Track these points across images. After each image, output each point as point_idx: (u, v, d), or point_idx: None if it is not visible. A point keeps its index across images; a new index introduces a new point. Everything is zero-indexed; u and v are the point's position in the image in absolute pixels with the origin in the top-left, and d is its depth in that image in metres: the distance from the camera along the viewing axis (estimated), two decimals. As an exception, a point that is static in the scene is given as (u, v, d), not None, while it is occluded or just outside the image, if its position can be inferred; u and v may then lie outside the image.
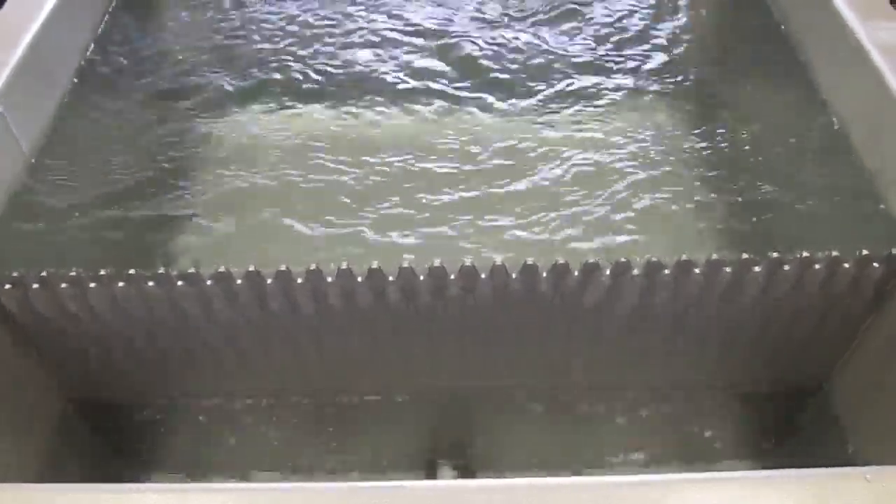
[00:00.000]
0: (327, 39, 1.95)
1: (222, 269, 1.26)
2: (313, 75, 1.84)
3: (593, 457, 1.54)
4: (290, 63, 1.87)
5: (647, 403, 1.53)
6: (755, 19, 1.90)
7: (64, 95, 1.68)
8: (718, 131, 1.67)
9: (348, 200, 1.55)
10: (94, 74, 1.76)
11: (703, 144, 1.64)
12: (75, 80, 1.73)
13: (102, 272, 1.27)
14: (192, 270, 1.26)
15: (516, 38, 1.95)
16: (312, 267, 1.26)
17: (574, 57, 1.88)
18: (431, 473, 1.50)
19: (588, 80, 1.81)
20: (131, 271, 1.27)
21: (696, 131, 1.67)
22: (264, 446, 1.55)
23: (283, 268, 1.26)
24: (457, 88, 1.82)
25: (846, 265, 1.26)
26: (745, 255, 1.25)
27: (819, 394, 1.51)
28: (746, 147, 1.61)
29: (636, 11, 2.00)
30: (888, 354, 1.35)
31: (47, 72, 1.63)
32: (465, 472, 1.50)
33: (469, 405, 1.55)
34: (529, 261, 1.24)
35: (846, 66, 1.54)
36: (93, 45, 1.83)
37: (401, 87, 1.82)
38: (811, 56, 1.70)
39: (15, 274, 1.28)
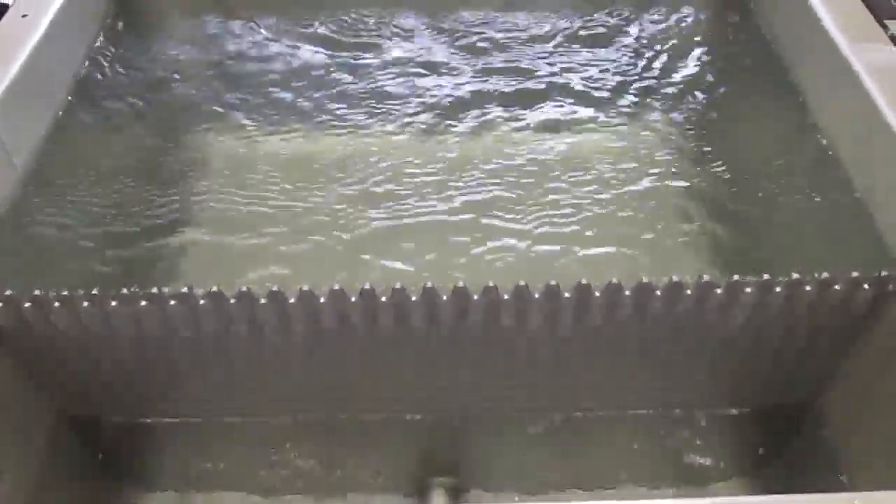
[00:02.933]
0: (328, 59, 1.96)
1: (215, 288, 1.26)
2: (313, 95, 1.84)
3: (585, 479, 1.54)
4: (291, 81, 1.87)
5: (638, 424, 1.53)
6: (746, 40, 1.92)
7: (58, 111, 1.68)
8: (707, 151, 1.68)
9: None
10: (89, 90, 1.76)
11: (692, 164, 1.65)
12: (70, 96, 1.73)
13: (95, 291, 1.27)
14: (184, 290, 1.27)
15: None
16: (305, 287, 1.26)
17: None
18: (423, 494, 1.50)
19: (575, 105, 1.82)
20: (124, 290, 1.27)
21: (684, 150, 1.68)
22: (256, 465, 1.55)
23: (275, 287, 1.26)
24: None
25: (836, 287, 1.27)
26: (735, 277, 1.26)
27: (809, 414, 1.52)
28: (736, 167, 1.62)
29: (631, 34, 2.01)
30: (878, 375, 1.36)
31: (42, 87, 1.63)
32: (458, 493, 1.50)
33: (463, 426, 1.55)
34: (521, 282, 1.25)
35: (836, 87, 1.55)
36: (88, 61, 1.83)
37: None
38: (802, 77, 1.71)
39: (7, 292, 1.28)
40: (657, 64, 1.91)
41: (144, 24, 2.04)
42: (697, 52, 1.95)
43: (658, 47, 1.96)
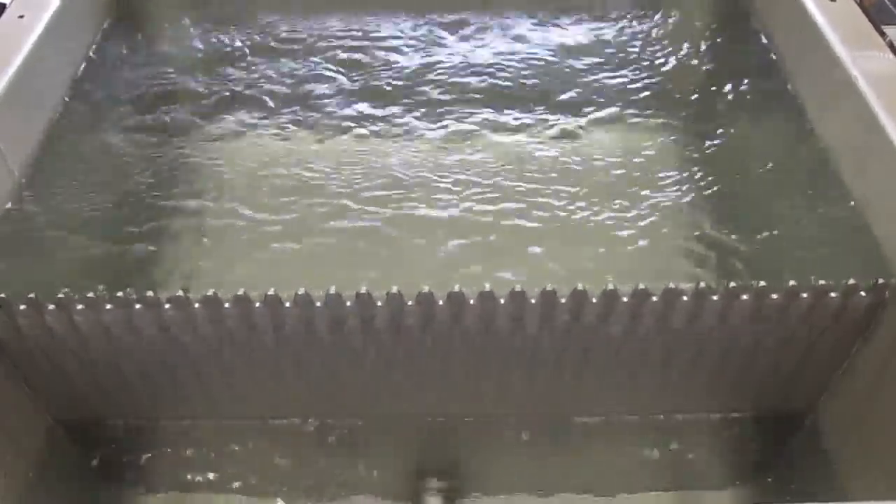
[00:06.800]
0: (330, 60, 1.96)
1: (210, 292, 1.26)
2: (317, 102, 1.83)
3: (580, 484, 1.54)
4: (291, 89, 1.86)
5: (634, 430, 1.54)
6: (745, 48, 1.92)
7: (54, 115, 1.67)
8: (707, 158, 1.67)
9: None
10: (85, 94, 1.76)
11: (691, 172, 1.65)
12: (66, 99, 1.72)
13: (90, 295, 1.27)
14: (180, 294, 1.27)
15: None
16: (301, 291, 1.26)
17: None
18: (419, 498, 1.50)
19: (572, 110, 1.81)
20: (119, 294, 1.27)
21: (683, 159, 1.68)
22: (251, 469, 1.55)
23: (271, 292, 1.26)
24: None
25: (833, 294, 1.27)
26: (732, 284, 1.26)
27: (807, 421, 1.52)
28: (734, 174, 1.62)
29: (627, 43, 2.01)
30: (875, 382, 1.36)
31: (38, 89, 1.62)
32: (453, 497, 1.50)
33: (458, 430, 1.55)
34: (517, 288, 1.25)
35: (834, 95, 1.55)
36: (85, 65, 1.83)
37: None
38: (800, 85, 1.71)
39: (1, 295, 1.28)
40: (654, 70, 1.91)
41: (142, 26, 2.03)
42: (695, 59, 1.95)
43: (655, 54, 1.96)
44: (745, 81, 1.82)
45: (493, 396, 1.49)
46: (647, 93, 1.85)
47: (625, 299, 1.26)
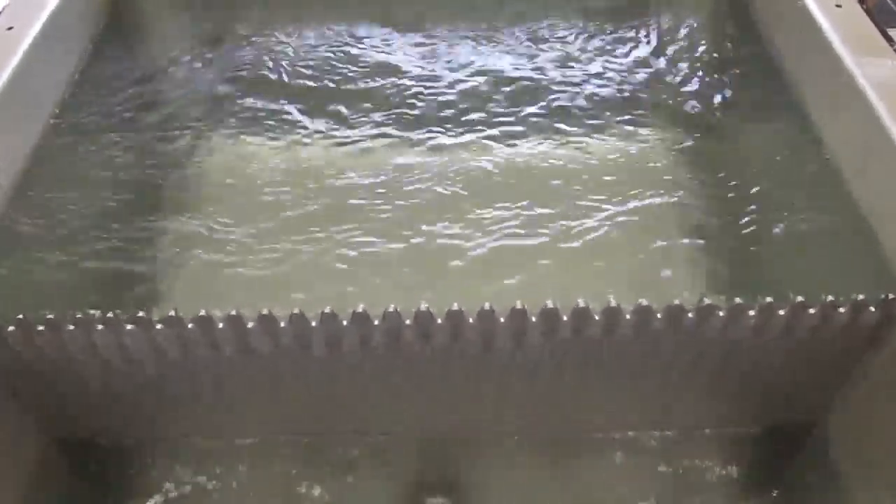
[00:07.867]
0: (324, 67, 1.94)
1: (203, 312, 1.23)
2: (307, 109, 1.82)
3: (581, 500, 1.52)
4: (282, 96, 1.85)
5: (638, 446, 1.51)
6: (750, 55, 1.90)
7: (45, 127, 1.65)
8: (712, 165, 1.66)
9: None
10: (76, 106, 1.74)
11: (696, 178, 1.63)
12: (57, 111, 1.70)
13: (80, 315, 1.24)
14: (172, 314, 1.24)
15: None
16: (296, 311, 1.23)
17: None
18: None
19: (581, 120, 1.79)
20: (110, 314, 1.24)
21: (689, 165, 1.67)
22: (247, 488, 1.53)
23: (265, 311, 1.23)
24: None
25: (841, 310, 1.24)
26: (737, 300, 1.23)
27: (813, 435, 1.49)
28: (740, 180, 1.60)
29: (634, 48, 2.00)
30: (882, 397, 1.33)
31: (29, 102, 1.61)
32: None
33: (457, 448, 1.53)
34: (518, 305, 1.22)
35: (839, 102, 1.53)
36: (77, 76, 1.81)
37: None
38: (806, 91, 1.69)
39: (-9, 316, 1.25)
40: (658, 77, 1.89)
41: (135, 36, 2.02)
42: (698, 65, 1.93)
43: (658, 59, 1.94)
44: (747, 87, 1.80)
45: (492, 413, 1.46)
46: (647, 96, 1.84)
47: (628, 316, 1.24)
